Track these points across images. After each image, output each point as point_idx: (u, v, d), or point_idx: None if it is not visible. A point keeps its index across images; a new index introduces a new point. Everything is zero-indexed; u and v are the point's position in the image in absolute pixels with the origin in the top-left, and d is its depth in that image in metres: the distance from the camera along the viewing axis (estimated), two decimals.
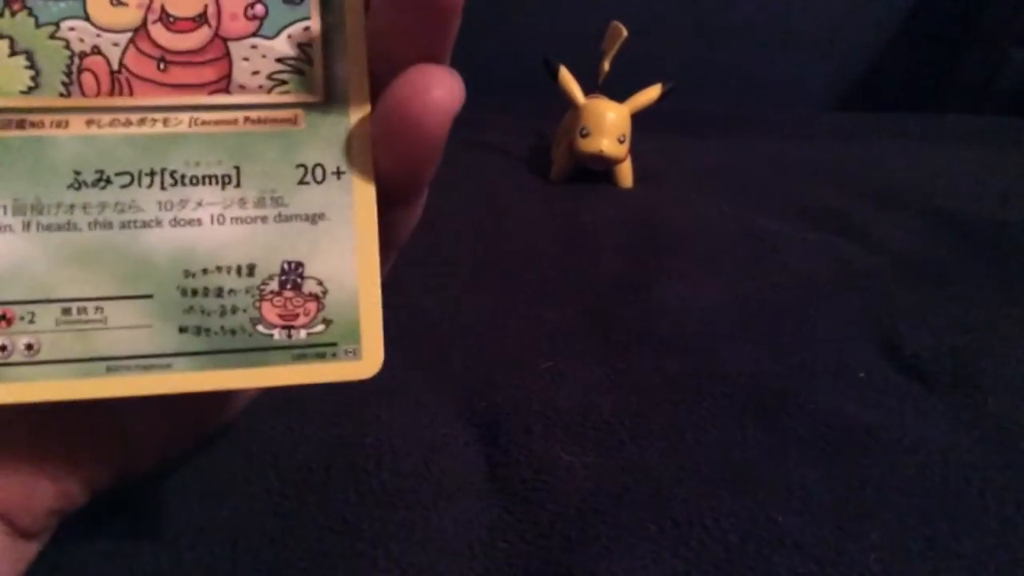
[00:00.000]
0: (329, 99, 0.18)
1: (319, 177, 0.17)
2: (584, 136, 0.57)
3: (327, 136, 0.17)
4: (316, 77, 0.18)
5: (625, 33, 0.58)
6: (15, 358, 0.16)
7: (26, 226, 0.16)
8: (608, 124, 0.57)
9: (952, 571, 0.24)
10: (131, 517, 0.25)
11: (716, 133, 0.76)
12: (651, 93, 0.59)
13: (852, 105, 1.00)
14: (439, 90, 0.16)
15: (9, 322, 0.16)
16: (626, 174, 0.60)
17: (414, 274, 0.41)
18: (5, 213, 0.16)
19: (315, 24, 0.18)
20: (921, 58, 1.00)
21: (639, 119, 0.59)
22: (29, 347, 0.16)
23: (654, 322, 0.38)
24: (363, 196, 0.18)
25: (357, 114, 0.18)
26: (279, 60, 0.18)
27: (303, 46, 0.18)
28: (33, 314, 0.16)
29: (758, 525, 0.25)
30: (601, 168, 0.59)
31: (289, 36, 0.18)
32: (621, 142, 0.57)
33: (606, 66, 0.61)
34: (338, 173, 0.17)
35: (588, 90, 0.60)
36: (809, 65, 0.99)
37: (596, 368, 0.34)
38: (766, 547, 0.24)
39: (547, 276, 0.44)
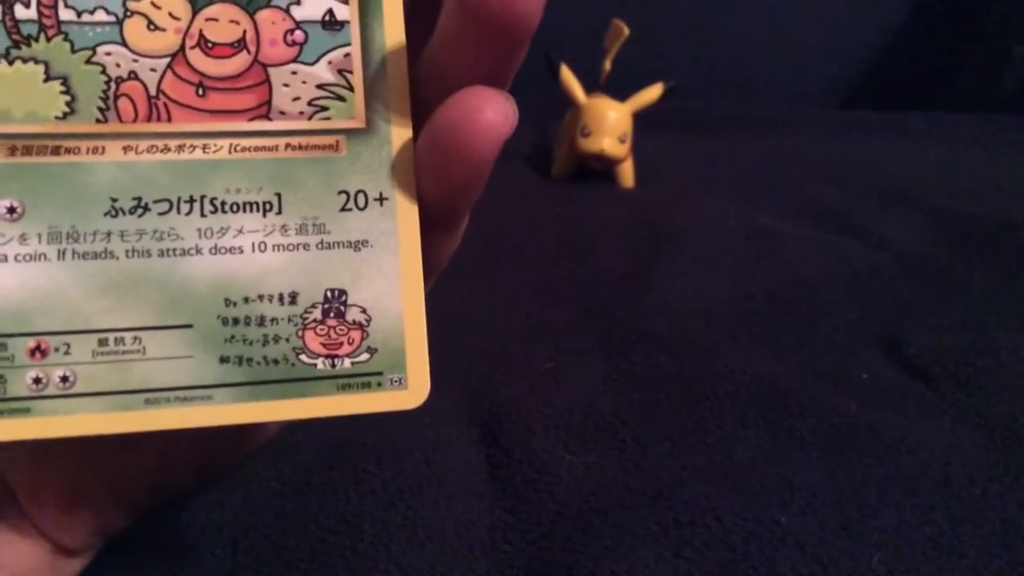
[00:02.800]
0: (371, 125, 0.17)
1: (361, 204, 0.17)
2: (585, 135, 0.57)
3: (369, 162, 0.17)
4: (357, 103, 0.17)
5: (627, 32, 0.58)
6: (50, 391, 0.15)
7: (61, 254, 0.16)
8: (609, 123, 0.57)
9: (954, 571, 0.24)
10: None
11: (717, 132, 0.76)
12: (653, 92, 0.59)
13: (855, 103, 0.99)
14: (491, 112, 0.15)
15: (44, 354, 0.15)
16: (627, 173, 0.60)
17: None
18: (40, 241, 0.16)
19: (355, 51, 0.17)
20: (924, 56, 0.99)
21: (640, 118, 0.59)
22: (64, 379, 0.15)
23: (656, 321, 0.38)
24: (407, 222, 0.17)
25: (399, 140, 0.17)
26: (320, 86, 0.17)
27: (344, 72, 0.17)
28: (68, 345, 0.15)
29: (760, 525, 0.25)
30: (602, 167, 0.59)
31: (329, 62, 0.17)
32: (622, 141, 0.57)
33: (608, 65, 0.61)
34: (381, 200, 0.17)
35: (589, 89, 0.60)
36: (811, 63, 0.99)
37: (597, 368, 0.34)
38: (768, 547, 0.24)
39: (548, 275, 0.44)
